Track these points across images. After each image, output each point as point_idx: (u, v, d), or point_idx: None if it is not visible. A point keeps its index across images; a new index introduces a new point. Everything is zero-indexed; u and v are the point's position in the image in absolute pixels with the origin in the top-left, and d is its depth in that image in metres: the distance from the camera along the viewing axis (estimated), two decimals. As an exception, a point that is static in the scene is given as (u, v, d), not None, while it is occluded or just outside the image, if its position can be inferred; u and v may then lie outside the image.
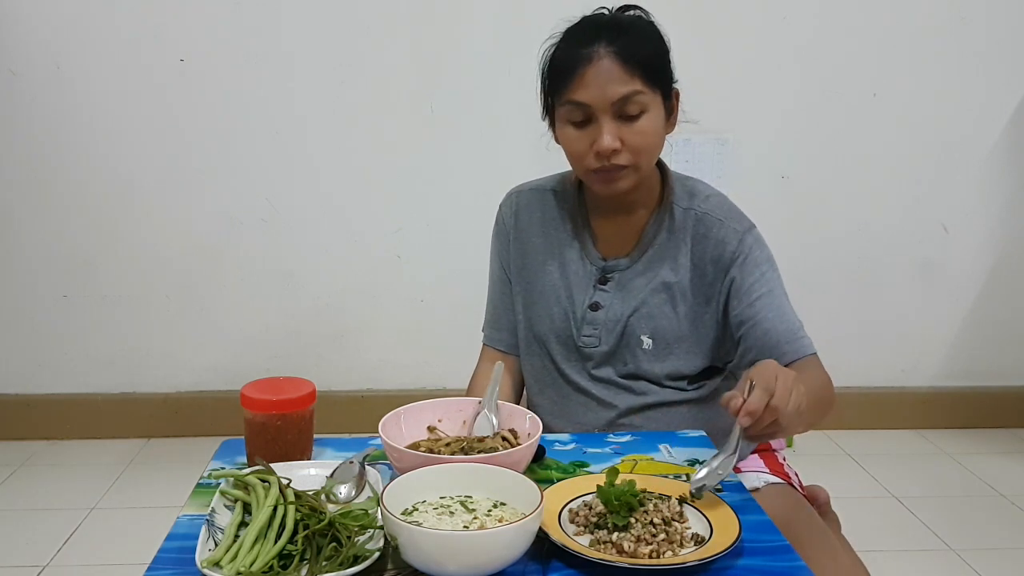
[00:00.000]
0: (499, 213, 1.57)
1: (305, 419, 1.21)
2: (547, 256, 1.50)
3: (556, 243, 1.49)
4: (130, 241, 2.79)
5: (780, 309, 1.36)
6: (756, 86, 2.76)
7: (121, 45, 2.65)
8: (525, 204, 1.53)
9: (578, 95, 1.31)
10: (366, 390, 2.91)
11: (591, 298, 1.45)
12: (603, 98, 1.30)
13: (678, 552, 0.97)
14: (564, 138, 1.37)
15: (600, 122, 1.31)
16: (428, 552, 0.90)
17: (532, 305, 1.50)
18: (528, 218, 1.52)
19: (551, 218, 1.51)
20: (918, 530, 2.34)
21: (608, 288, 1.44)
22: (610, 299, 1.44)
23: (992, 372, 3.04)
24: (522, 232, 1.52)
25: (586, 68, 1.30)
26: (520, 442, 1.19)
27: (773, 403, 1.04)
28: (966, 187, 2.89)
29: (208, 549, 0.95)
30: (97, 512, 2.41)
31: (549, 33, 1.39)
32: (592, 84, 1.30)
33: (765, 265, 1.39)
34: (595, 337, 1.44)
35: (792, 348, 1.34)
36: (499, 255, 1.56)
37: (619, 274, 1.45)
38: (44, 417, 2.87)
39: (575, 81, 1.31)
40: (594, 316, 1.44)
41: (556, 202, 1.51)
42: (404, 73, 2.72)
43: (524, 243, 1.52)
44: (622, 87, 1.30)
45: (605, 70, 1.30)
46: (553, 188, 1.53)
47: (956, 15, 2.74)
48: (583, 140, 1.33)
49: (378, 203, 2.81)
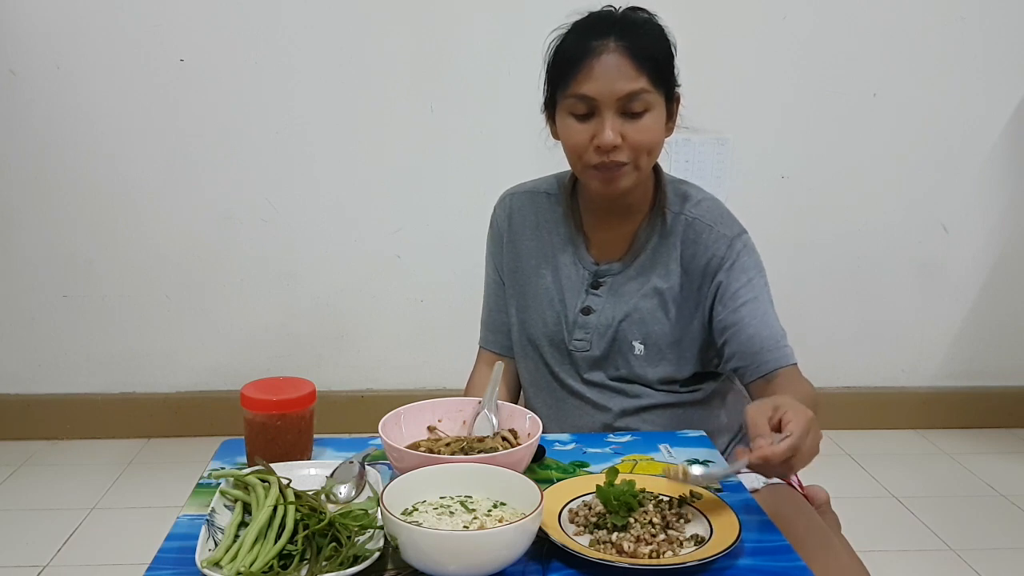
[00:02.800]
0: (493, 215, 1.56)
1: (305, 419, 1.21)
2: (540, 259, 1.49)
3: (549, 246, 1.49)
4: (130, 241, 2.79)
5: (764, 316, 1.36)
6: (756, 86, 2.76)
7: (121, 45, 2.65)
8: (519, 207, 1.53)
9: (584, 88, 1.31)
10: (366, 390, 2.91)
11: (583, 302, 1.44)
12: (609, 92, 1.30)
13: (678, 552, 0.97)
14: (564, 131, 1.36)
15: (603, 116, 1.30)
16: (428, 552, 0.90)
17: (525, 308, 1.50)
18: (522, 221, 1.52)
19: (544, 221, 1.50)
20: (918, 530, 2.34)
21: (600, 293, 1.44)
22: (602, 303, 1.43)
23: (992, 372, 3.04)
24: (516, 235, 1.52)
25: (594, 61, 1.30)
26: (520, 442, 1.19)
27: (793, 461, 1.03)
28: (966, 187, 2.89)
29: (208, 549, 0.95)
30: (97, 512, 2.41)
31: (550, 33, 1.39)
32: (600, 77, 1.30)
33: (753, 271, 1.38)
34: (586, 341, 1.44)
35: (774, 357, 1.34)
36: (493, 257, 1.56)
37: (611, 278, 1.44)
38: (44, 417, 2.87)
39: (582, 73, 1.30)
40: (586, 320, 1.44)
41: (550, 205, 1.51)
42: (404, 73, 2.72)
43: (518, 246, 1.52)
44: (629, 83, 1.30)
45: (614, 65, 1.30)
46: (547, 191, 1.52)
47: (956, 15, 2.74)
48: (584, 133, 1.32)
49: (378, 203, 2.81)
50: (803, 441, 1.03)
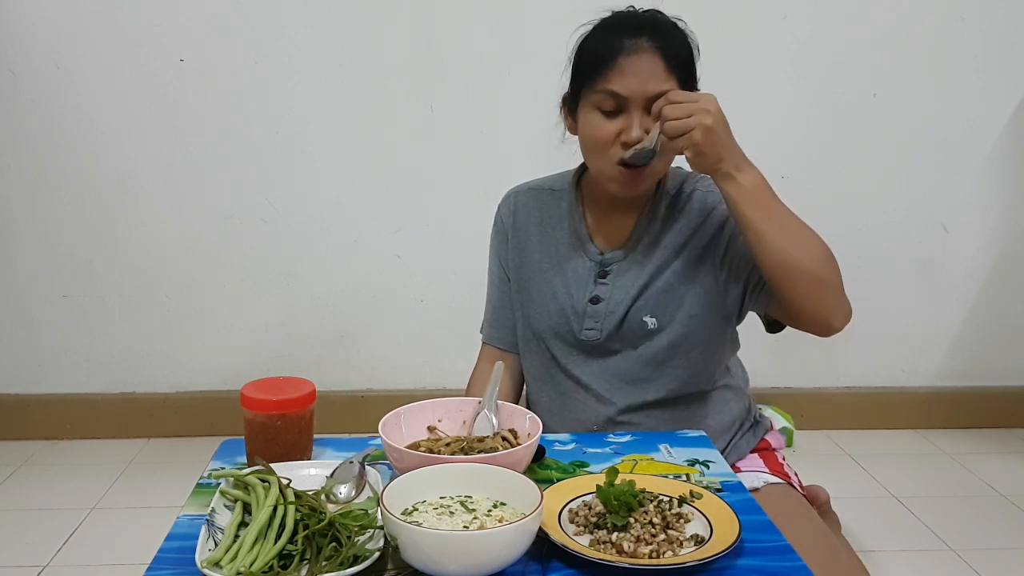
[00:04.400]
0: (497, 213, 1.58)
1: (305, 419, 1.21)
2: (544, 254, 1.50)
3: (554, 241, 1.50)
4: (130, 241, 2.79)
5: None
6: (755, 86, 2.76)
7: (121, 45, 2.65)
8: (523, 204, 1.54)
9: (615, 84, 1.32)
10: (366, 390, 2.91)
11: (591, 292, 1.46)
12: (641, 91, 1.32)
13: (678, 552, 0.97)
14: (588, 125, 1.37)
15: (631, 114, 1.33)
16: (428, 552, 0.90)
17: (530, 303, 1.51)
18: (526, 217, 1.53)
19: (548, 217, 1.52)
20: (918, 530, 2.34)
21: (608, 281, 1.46)
22: (609, 291, 1.45)
23: (992, 372, 3.04)
24: (520, 231, 1.53)
25: (627, 59, 1.32)
26: (520, 442, 1.19)
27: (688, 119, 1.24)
28: (966, 187, 2.89)
29: (208, 549, 0.95)
30: (97, 512, 2.41)
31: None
32: (631, 75, 1.32)
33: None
34: (597, 330, 1.45)
35: None
36: (498, 254, 1.57)
37: (616, 265, 1.46)
38: (44, 417, 2.87)
39: (613, 70, 1.32)
40: (595, 310, 1.45)
41: (554, 200, 1.52)
42: (404, 73, 2.72)
43: (522, 242, 1.53)
44: (660, 84, 1.32)
45: (647, 64, 1.32)
46: (551, 187, 1.54)
47: (956, 15, 2.74)
48: (610, 129, 1.34)
49: (378, 203, 2.81)
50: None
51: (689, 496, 1.08)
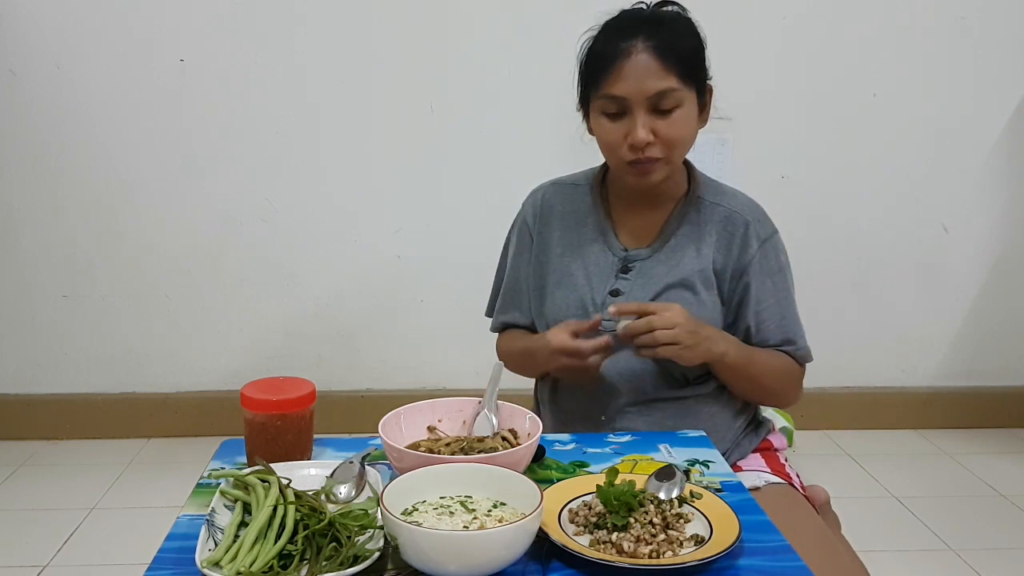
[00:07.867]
0: (522, 208, 1.61)
1: (305, 419, 1.21)
2: (566, 248, 1.52)
3: (576, 235, 1.52)
4: (130, 241, 2.79)
5: (782, 321, 1.48)
6: (756, 86, 2.76)
7: (121, 45, 2.65)
8: (548, 197, 1.57)
9: (614, 88, 1.35)
10: (366, 390, 2.91)
11: (612, 285, 1.47)
12: (639, 92, 1.34)
13: (678, 552, 0.97)
14: (598, 129, 1.41)
15: (635, 115, 1.35)
16: (428, 552, 0.90)
17: (551, 295, 1.52)
18: (550, 211, 1.56)
19: (572, 211, 1.54)
20: (918, 530, 2.34)
21: (629, 276, 1.47)
22: (630, 286, 1.46)
23: (992, 372, 3.04)
24: (544, 225, 1.55)
25: (623, 62, 1.34)
26: (520, 442, 1.19)
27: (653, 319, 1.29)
28: (966, 187, 2.89)
29: (208, 549, 0.95)
30: (97, 512, 2.41)
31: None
32: (629, 78, 1.34)
33: (778, 275, 1.47)
34: (613, 321, 1.45)
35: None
36: (518, 244, 1.58)
37: (640, 263, 1.47)
38: (44, 417, 2.87)
39: (612, 74, 1.35)
40: (614, 302, 1.45)
41: (579, 195, 1.55)
42: (404, 73, 2.72)
43: (545, 235, 1.55)
44: (658, 82, 1.33)
45: (642, 65, 1.33)
46: (575, 182, 1.57)
47: (956, 15, 2.74)
48: (617, 132, 1.37)
49: (378, 203, 2.81)
50: (664, 319, 1.29)
51: (689, 496, 1.08)
